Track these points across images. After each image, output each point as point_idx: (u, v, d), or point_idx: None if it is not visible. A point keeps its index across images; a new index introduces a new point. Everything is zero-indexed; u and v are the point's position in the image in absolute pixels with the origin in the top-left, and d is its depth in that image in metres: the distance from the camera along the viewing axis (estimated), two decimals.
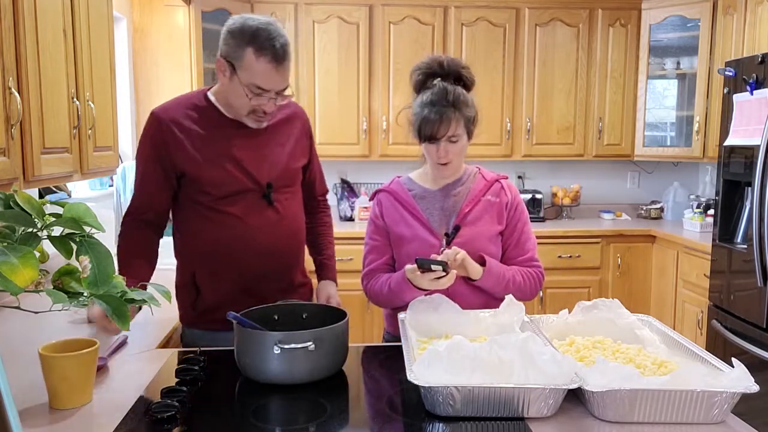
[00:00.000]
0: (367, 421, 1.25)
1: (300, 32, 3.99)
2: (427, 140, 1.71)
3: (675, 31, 4.11)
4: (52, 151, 1.77)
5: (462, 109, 1.70)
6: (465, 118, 1.71)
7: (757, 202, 2.61)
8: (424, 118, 1.69)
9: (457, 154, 1.73)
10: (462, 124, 1.70)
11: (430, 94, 1.71)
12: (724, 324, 2.96)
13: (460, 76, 1.75)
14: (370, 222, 1.88)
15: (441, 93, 1.70)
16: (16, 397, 0.82)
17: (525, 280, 1.76)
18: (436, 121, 1.67)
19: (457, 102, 1.69)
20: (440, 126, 1.68)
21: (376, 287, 1.79)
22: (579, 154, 4.23)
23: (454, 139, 1.70)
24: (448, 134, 1.69)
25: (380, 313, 3.83)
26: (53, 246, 1.19)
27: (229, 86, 1.66)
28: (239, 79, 1.62)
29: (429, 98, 1.70)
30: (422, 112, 1.70)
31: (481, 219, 1.77)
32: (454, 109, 1.69)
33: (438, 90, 1.71)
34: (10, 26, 1.54)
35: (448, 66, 1.74)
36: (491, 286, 1.72)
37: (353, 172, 4.44)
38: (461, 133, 1.71)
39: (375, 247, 1.84)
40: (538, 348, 1.25)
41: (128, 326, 1.20)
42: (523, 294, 1.75)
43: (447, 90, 1.70)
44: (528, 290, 1.77)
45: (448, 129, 1.68)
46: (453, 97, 1.69)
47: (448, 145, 1.71)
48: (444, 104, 1.68)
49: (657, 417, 1.18)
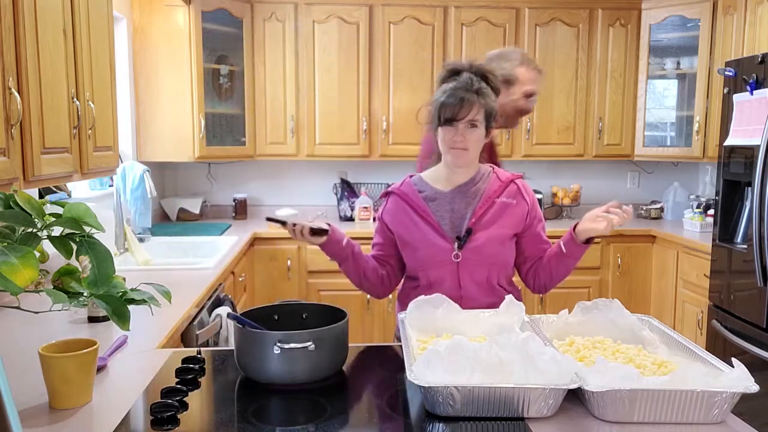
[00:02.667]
0: (367, 421, 1.25)
1: (300, 32, 4.00)
2: (447, 122, 1.68)
3: (675, 31, 4.11)
4: (52, 151, 1.77)
5: (485, 98, 1.69)
6: (487, 107, 1.69)
7: (757, 202, 2.61)
8: (444, 101, 1.67)
9: (474, 143, 1.70)
10: (483, 112, 1.68)
11: (455, 82, 1.70)
12: (724, 324, 2.96)
13: (486, 77, 1.74)
14: (377, 219, 1.91)
15: (466, 81, 1.69)
16: (16, 397, 0.82)
17: None
18: (457, 103, 1.66)
19: (480, 90, 1.68)
20: (461, 107, 1.65)
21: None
22: (579, 154, 4.23)
23: (474, 123, 1.67)
24: (468, 117, 1.66)
25: (380, 313, 3.87)
26: (53, 246, 1.19)
27: None
28: None
29: (452, 85, 1.69)
30: (442, 97, 1.69)
31: (496, 222, 1.75)
32: (477, 95, 1.68)
33: (463, 79, 1.70)
34: (10, 26, 1.54)
35: (476, 66, 1.74)
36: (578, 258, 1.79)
37: (353, 172, 4.44)
38: (481, 120, 1.69)
39: (375, 244, 1.89)
40: (538, 348, 1.25)
41: (128, 326, 1.20)
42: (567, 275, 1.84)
43: (472, 80, 1.69)
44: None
45: (469, 112, 1.66)
46: (477, 86, 1.68)
47: (467, 130, 1.68)
48: (467, 89, 1.67)
49: (657, 417, 1.18)
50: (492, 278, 1.77)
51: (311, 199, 4.44)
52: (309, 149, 4.08)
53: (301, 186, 4.46)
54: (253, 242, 3.79)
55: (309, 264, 3.85)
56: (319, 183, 4.46)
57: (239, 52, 3.98)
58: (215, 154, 3.94)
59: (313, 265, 3.84)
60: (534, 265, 1.83)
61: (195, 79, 3.75)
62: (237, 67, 4.01)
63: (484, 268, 1.75)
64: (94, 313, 1.87)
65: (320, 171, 4.44)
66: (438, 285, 1.75)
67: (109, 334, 1.75)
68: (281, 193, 4.46)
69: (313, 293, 3.84)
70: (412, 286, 1.82)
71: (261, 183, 4.45)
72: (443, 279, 1.76)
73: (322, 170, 4.44)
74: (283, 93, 4.05)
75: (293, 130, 4.07)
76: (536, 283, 1.85)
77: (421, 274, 1.78)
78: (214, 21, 3.85)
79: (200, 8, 3.73)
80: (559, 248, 1.77)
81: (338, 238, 1.78)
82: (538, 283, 1.84)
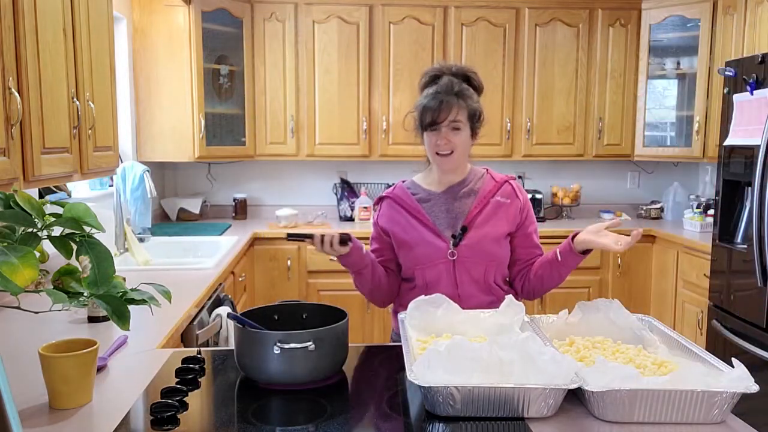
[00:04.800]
0: (367, 421, 1.25)
1: (300, 32, 4.00)
2: (429, 127, 1.69)
3: (675, 31, 4.11)
4: (52, 151, 1.77)
5: (466, 100, 1.69)
6: (469, 108, 1.70)
7: (757, 202, 2.61)
8: (426, 105, 1.68)
9: (459, 145, 1.71)
10: (465, 113, 1.69)
11: (436, 86, 1.71)
12: (724, 324, 2.96)
13: (468, 78, 1.75)
14: (372, 225, 1.90)
15: (446, 85, 1.70)
16: (16, 397, 0.82)
17: None
18: (436, 107, 1.66)
19: (461, 93, 1.69)
20: (440, 111, 1.66)
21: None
22: (579, 154, 4.23)
23: (456, 125, 1.68)
24: (449, 119, 1.67)
25: (380, 313, 3.86)
26: (53, 246, 1.19)
27: None
28: None
29: (433, 90, 1.70)
30: (424, 102, 1.70)
31: (491, 220, 1.76)
32: (458, 98, 1.68)
33: (444, 83, 1.70)
34: (10, 26, 1.54)
35: (456, 69, 1.75)
36: (572, 267, 1.76)
37: (353, 172, 4.44)
38: (463, 122, 1.69)
39: (373, 250, 1.87)
40: (538, 348, 1.25)
41: (128, 326, 1.20)
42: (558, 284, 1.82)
43: (452, 82, 1.70)
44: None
45: (449, 114, 1.66)
46: (458, 89, 1.69)
47: (449, 133, 1.68)
48: (447, 93, 1.68)
49: (657, 417, 1.18)
50: (488, 276, 1.77)
51: (311, 199, 4.44)
52: (309, 149, 4.08)
53: (301, 186, 4.46)
54: (253, 242, 3.79)
55: (309, 264, 3.85)
56: (319, 183, 4.46)
57: (239, 52, 3.98)
58: (215, 154, 3.94)
59: (313, 265, 3.84)
60: (524, 268, 1.83)
61: (195, 79, 3.75)
62: (237, 67, 4.01)
63: (481, 266, 1.75)
64: (94, 313, 1.87)
65: (320, 171, 4.44)
66: (434, 285, 1.75)
67: (109, 334, 1.75)
68: (281, 193, 4.46)
69: (313, 293, 3.84)
70: (409, 287, 1.82)
71: (261, 183, 4.46)
72: (439, 278, 1.76)
73: (322, 170, 4.44)
74: (283, 93, 4.05)
75: (293, 130, 4.07)
76: (525, 288, 1.85)
77: (417, 273, 1.78)
78: (214, 21, 3.85)
79: (200, 8, 3.73)
80: (554, 255, 1.76)
81: (359, 245, 1.74)
82: (527, 288, 1.84)
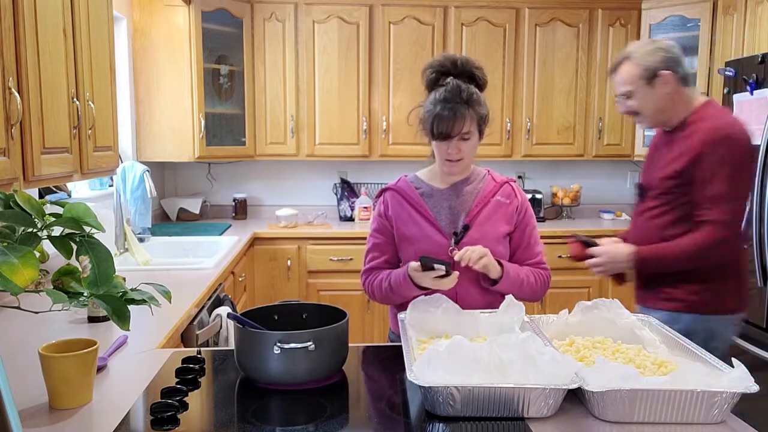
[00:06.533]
0: (367, 421, 1.25)
1: (300, 32, 4.00)
2: (440, 138, 1.70)
3: (675, 31, 4.11)
4: (52, 151, 1.77)
5: (475, 107, 1.69)
6: (478, 116, 1.70)
7: (757, 202, 2.61)
8: (437, 115, 1.68)
9: (468, 152, 1.73)
10: (475, 122, 1.70)
11: (444, 91, 1.70)
12: None
13: (473, 76, 1.74)
14: (374, 219, 1.87)
15: (454, 90, 1.69)
16: (16, 397, 0.82)
17: (536, 281, 1.77)
18: (450, 119, 1.66)
19: (470, 100, 1.69)
20: (454, 123, 1.67)
21: (375, 283, 1.79)
22: (579, 154, 4.23)
23: (466, 137, 1.69)
24: (462, 131, 1.68)
25: (380, 313, 3.86)
26: (53, 246, 1.19)
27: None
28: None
29: (442, 95, 1.69)
30: (435, 109, 1.69)
31: (491, 219, 1.76)
32: (468, 106, 1.68)
33: (451, 87, 1.69)
34: (10, 26, 1.54)
35: (461, 65, 1.73)
36: (508, 287, 1.70)
37: (353, 172, 4.44)
38: (473, 131, 1.71)
39: (377, 245, 1.84)
40: (538, 348, 1.25)
41: (128, 326, 1.20)
42: (534, 296, 1.76)
43: (461, 88, 1.69)
44: (539, 292, 1.79)
45: (462, 126, 1.67)
46: (466, 95, 1.69)
47: (460, 143, 1.70)
48: (457, 101, 1.67)
49: (657, 417, 1.18)
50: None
51: (311, 199, 4.44)
52: (309, 149, 4.08)
53: (301, 186, 4.46)
54: (253, 242, 3.79)
55: (309, 264, 3.85)
56: (319, 183, 4.46)
57: (239, 52, 3.98)
58: (215, 154, 3.94)
59: (313, 265, 3.84)
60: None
61: (195, 79, 3.75)
62: (237, 67, 4.01)
63: None
64: (94, 313, 1.87)
65: (320, 171, 4.44)
66: None
67: (109, 334, 1.75)
68: (281, 193, 4.46)
69: (313, 293, 3.84)
70: None
71: (261, 183, 4.45)
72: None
73: (322, 170, 4.44)
74: (283, 93, 4.05)
75: (293, 130, 4.07)
76: None
77: None
78: (214, 21, 3.85)
79: (200, 8, 3.73)
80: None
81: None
82: None
